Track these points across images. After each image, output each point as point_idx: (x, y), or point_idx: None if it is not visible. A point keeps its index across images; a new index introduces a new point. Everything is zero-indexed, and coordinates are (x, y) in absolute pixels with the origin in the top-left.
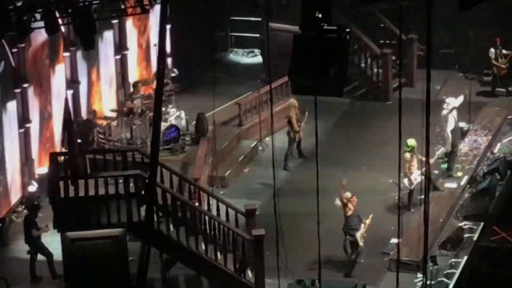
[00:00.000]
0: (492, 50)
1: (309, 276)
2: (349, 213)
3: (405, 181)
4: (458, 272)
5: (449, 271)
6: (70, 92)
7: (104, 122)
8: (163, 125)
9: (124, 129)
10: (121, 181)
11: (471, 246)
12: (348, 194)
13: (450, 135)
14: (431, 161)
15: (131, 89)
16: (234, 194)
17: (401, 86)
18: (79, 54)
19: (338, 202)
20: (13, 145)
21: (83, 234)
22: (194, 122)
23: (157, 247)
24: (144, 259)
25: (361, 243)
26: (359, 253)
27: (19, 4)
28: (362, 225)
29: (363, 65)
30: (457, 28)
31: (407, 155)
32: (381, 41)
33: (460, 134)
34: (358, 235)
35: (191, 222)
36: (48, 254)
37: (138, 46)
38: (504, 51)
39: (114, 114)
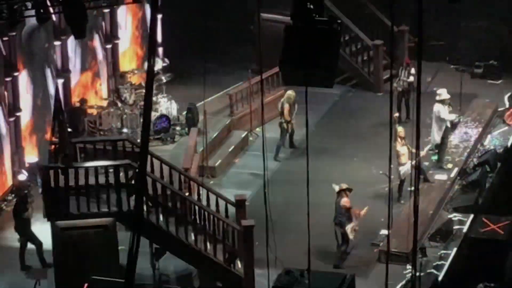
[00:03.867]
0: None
1: (299, 267)
2: (348, 205)
3: (400, 169)
4: (447, 263)
5: (438, 262)
6: (60, 81)
7: (95, 111)
8: (154, 115)
9: (114, 118)
10: (111, 170)
11: (461, 238)
12: (344, 186)
13: (440, 127)
14: (422, 153)
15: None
16: (224, 184)
17: (392, 78)
18: (70, 42)
19: (335, 187)
20: (4, 134)
21: (73, 223)
22: (185, 112)
23: (147, 237)
24: (134, 249)
25: (351, 236)
26: (348, 245)
27: None
28: (354, 217)
29: (354, 56)
30: (448, 19)
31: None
32: (372, 33)
33: (450, 126)
34: (349, 227)
35: (181, 212)
36: (37, 243)
37: (129, 36)
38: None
39: (104, 103)
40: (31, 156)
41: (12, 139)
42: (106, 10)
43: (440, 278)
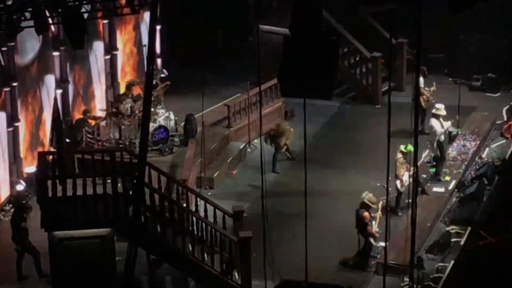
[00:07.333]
0: (422, 79)
1: (296, 279)
2: (366, 220)
3: (398, 183)
4: (444, 276)
5: (435, 275)
6: (59, 91)
7: (93, 122)
8: (152, 126)
9: (112, 129)
10: (109, 181)
11: (458, 251)
12: (367, 199)
13: (437, 140)
14: (418, 164)
15: (123, 90)
16: (222, 195)
17: (390, 90)
18: (68, 53)
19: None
20: (2, 143)
21: (70, 233)
22: (183, 123)
23: (144, 247)
24: (131, 259)
25: (372, 241)
26: (371, 249)
27: (9, 2)
28: (373, 222)
29: (352, 68)
30: (447, 32)
31: (399, 157)
32: (371, 45)
33: (448, 139)
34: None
35: (178, 223)
36: (35, 253)
37: (128, 46)
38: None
39: (103, 114)
40: (29, 166)
41: (10, 149)
42: (105, 21)
43: None
